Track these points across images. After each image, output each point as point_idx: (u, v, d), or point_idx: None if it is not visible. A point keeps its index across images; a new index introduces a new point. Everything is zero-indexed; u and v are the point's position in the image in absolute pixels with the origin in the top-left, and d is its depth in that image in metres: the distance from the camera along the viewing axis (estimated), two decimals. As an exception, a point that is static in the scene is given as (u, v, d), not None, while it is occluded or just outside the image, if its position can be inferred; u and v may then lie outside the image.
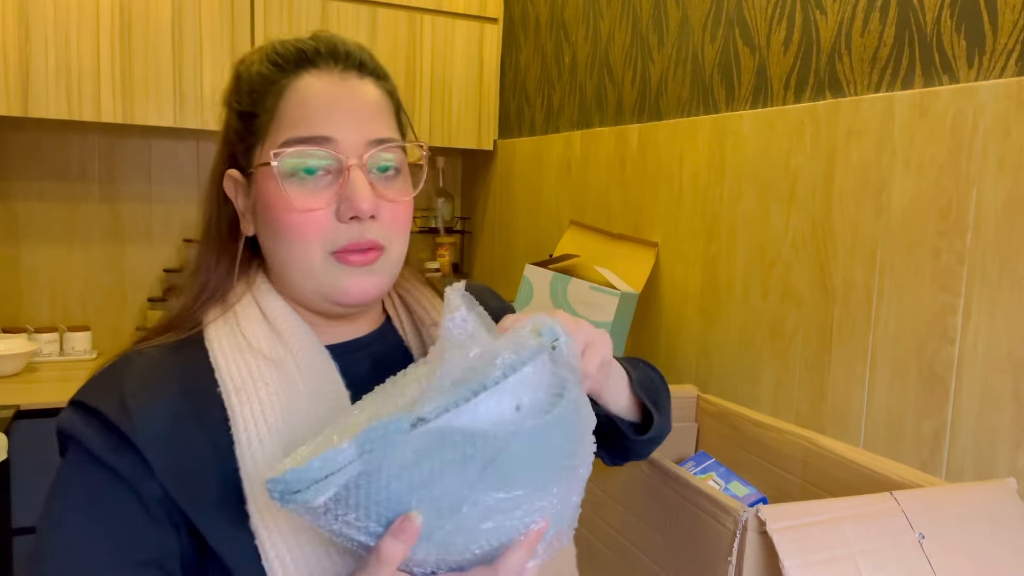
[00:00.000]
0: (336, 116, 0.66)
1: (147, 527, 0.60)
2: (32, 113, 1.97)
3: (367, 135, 0.67)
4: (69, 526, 0.59)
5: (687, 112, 1.63)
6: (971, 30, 1.05)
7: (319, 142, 0.65)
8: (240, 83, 0.71)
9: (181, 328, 0.69)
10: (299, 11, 2.21)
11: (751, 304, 1.41)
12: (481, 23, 2.45)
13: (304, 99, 0.66)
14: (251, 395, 0.62)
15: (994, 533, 0.83)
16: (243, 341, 0.66)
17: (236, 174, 0.71)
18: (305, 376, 0.65)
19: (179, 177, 2.44)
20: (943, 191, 1.06)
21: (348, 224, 0.66)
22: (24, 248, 2.29)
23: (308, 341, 0.68)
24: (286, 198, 0.65)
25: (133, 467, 0.60)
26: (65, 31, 1.98)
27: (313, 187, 0.66)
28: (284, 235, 0.66)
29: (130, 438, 0.60)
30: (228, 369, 0.64)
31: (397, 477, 0.52)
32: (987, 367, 1.01)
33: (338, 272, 0.66)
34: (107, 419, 0.61)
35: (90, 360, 2.28)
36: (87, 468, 0.61)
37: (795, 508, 0.78)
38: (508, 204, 2.42)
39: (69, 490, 0.61)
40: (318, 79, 0.67)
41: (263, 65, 0.69)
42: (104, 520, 0.59)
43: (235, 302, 0.69)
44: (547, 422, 0.55)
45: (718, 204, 1.50)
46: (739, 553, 0.78)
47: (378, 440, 0.51)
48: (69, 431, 0.62)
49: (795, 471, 1.13)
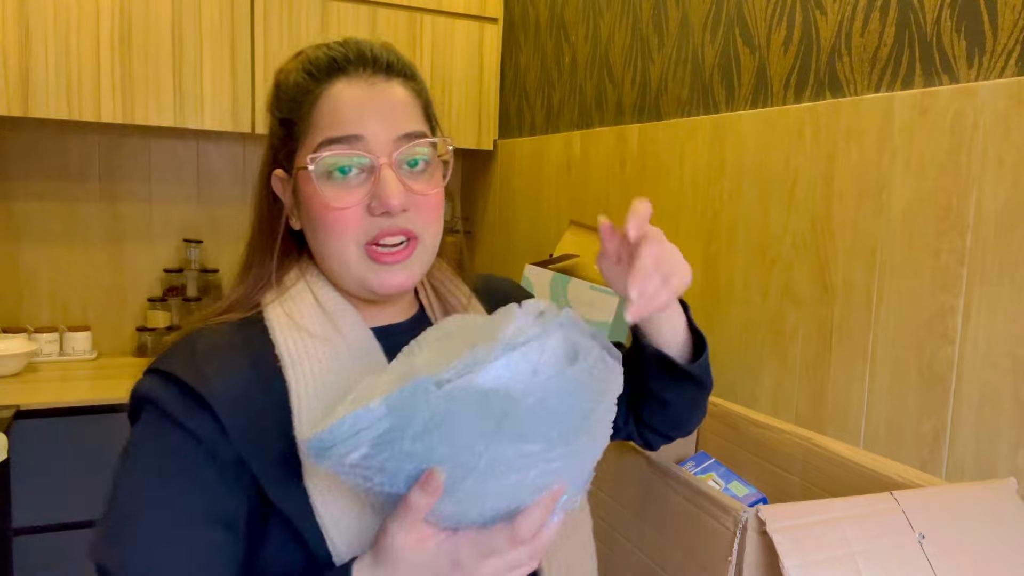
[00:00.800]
0: (365, 116, 0.71)
1: (220, 488, 0.65)
2: (32, 113, 1.97)
3: (395, 132, 0.72)
4: (146, 489, 0.64)
5: (687, 112, 1.63)
6: (971, 30, 1.05)
7: (350, 141, 0.71)
8: (279, 92, 0.76)
9: (239, 311, 0.75)
10: (299, 11, 2.21)
11: (751, 304, 1.41)
12: (481, 23, 2.45)
13: (336, 104, 0.72)
14: (305, 369, 0.69)
15: (994, 533, 0.83)
16: (298, 322, 0.72)
17: (282, 174, 0.77)
18: (353, 353, 0.72)
19: (179, 177, 2.44)
20: (943, 191, 1.06)
21: (379, 218, 0.71)
22: (24, 248, 2.29)
23: (355, 323, 0.74)
24: (322, 197, 0.71)
25: (210, 430, 0.65)
26: (65, 31, 1.98)
27: (347, 185, 0.71)
28: (322, 231, 0.72)
29: (208, 402, 0.65)
30: (286, 345, 0.70)
31: (422, 434, 0.56)
32: (987, 367, 1.01)
33: (375, 268, 0.72)
34: (186, 385, 0.66)
35: (90, 360, 2.28)
36: (165, 432, 0.66)
37: (795, 508, 0.78)
38: (508, 204, 2.42)
39: (147, 451, 0.66)
40: (348, 85, 0.72)
41: (299, 75, 0.74)
42: (180, 483, 0.64)
43: (290, 286, 0.76)
44: (561, 381, 0.59)
45: (718, 204, 1.50)
46: (739, 553, 0.78)
47: (406, 399, 0.55)
48: (148, 395, 0.67)
49: (795, 471, 1.13)
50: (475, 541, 0.60)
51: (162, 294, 2.42)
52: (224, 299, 0.77)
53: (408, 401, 0.55)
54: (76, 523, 1.90)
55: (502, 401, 0.57)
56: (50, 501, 1.88)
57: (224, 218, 2.51)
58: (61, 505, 1.89)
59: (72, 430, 1.88)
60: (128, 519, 0.63)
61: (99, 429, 1.91)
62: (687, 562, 0.88)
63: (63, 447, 1.88)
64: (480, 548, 0.59)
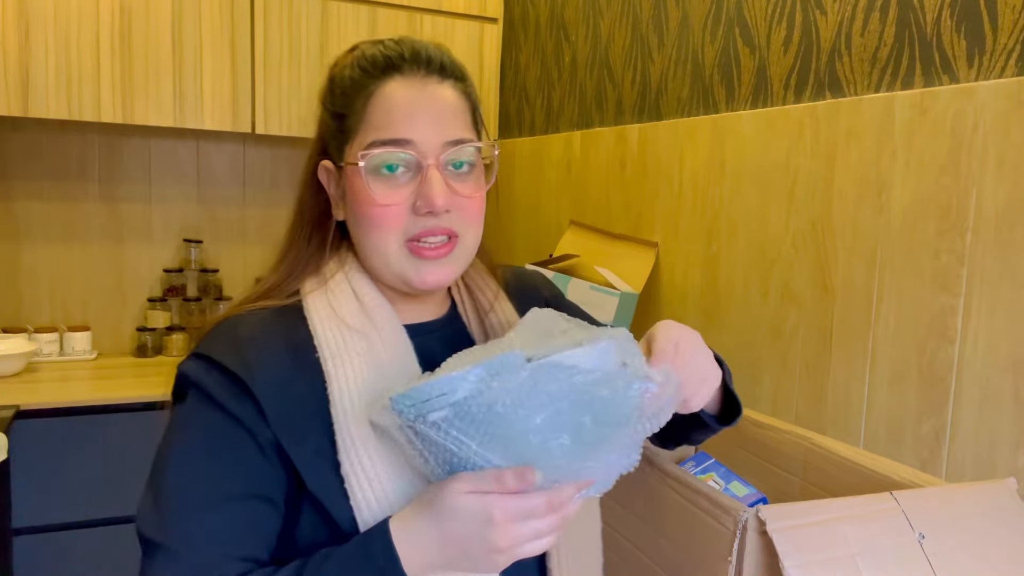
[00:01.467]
0: (416, 120, 0.73)
1: (262, 466, 0.68)
2: (32, 113, 1.97)
3: (444, 136, 0.74)
4: (192, 463, 0.67)
5: (687, 112, 1.63)
6: (971, 30, 1.05)
7: (400, 144, 0.73)
8: (333, 85, 0.78)
9: (277, 296, 0.78)
10: (299, 11, 2.21)
11: (751, 304, 1.41)
12: (481, 23, 2.45)
13: (389, 104, 0.74)
14: (345, 361, 0.71)
15: (994, 533, 0.83)
16: (336, 314, 0.75)
17: (329, 164, 0.79)
18: (387, 349, 0.74)
19: (179, 177, 2.44)
20: (943, 191, 1.06)
21: (423, 217, 0.74)
22: (24, 248, 2.29)
23: (390, 319, 0.77)
24: (369, 193, 0.73)
25: (251, 414, 0.68)
26: (65, 31, 1.98)
27: (394, 183, 0.74)
28: (366, 225, 0.74)
29: (250, 387, 0.68)
30: (325, 337, 0.73)
31: (506, 402, 0.60)
32: (987, 367, 1.01)
33: (416, 263, 0.75)
34: (229, 370, 0.69)
35: (90, 360, 2.28)
36: (209, 413, 0.69)
37: (795, 508, 0.78)
38: (508, 204, 2.42)
39: (194, 431, 0.69)
40: (402, 85, 0.74)
41: (353, 70, 0.76)
42: (224, 458, 0.67)
43: (330, 277, 0.78)
44: (626, 387, 0.64)
45: (718, 204, 1.50)
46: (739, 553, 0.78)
47: (497, 367, 0.60)
48: (193, 377, 0.70)
49: (795, 471, 1.13)
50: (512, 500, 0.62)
51: (162, 294, 2.42)
52: (263, 282, 0.80)
53: (499, 369, 0.60)
54: (76, 523, 1.90)
55: (578, 388, 0.61)
56: (50, 501, 1.87)
57: (224, 218, 2.51)
58: (61, 505, 1.89)
59: (72, 430, 1.88)
60: (176, 492, 0.66)
61: (99, 429, 1.91)
62: (687, 562, 0.88)
63: (63, 447, 1.88)
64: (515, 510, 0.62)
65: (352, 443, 0.68)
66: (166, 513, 0.66)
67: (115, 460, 1.92)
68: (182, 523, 0.65)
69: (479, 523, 0.62)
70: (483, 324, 0.85)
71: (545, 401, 0.60)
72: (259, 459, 0.68)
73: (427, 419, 0.61)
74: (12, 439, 1.73)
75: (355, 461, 0.68)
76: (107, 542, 1.92)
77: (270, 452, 0.68)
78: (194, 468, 0.67)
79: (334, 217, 0.80)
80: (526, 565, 0.75)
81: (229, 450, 0.68)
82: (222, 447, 0.68)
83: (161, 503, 0.66)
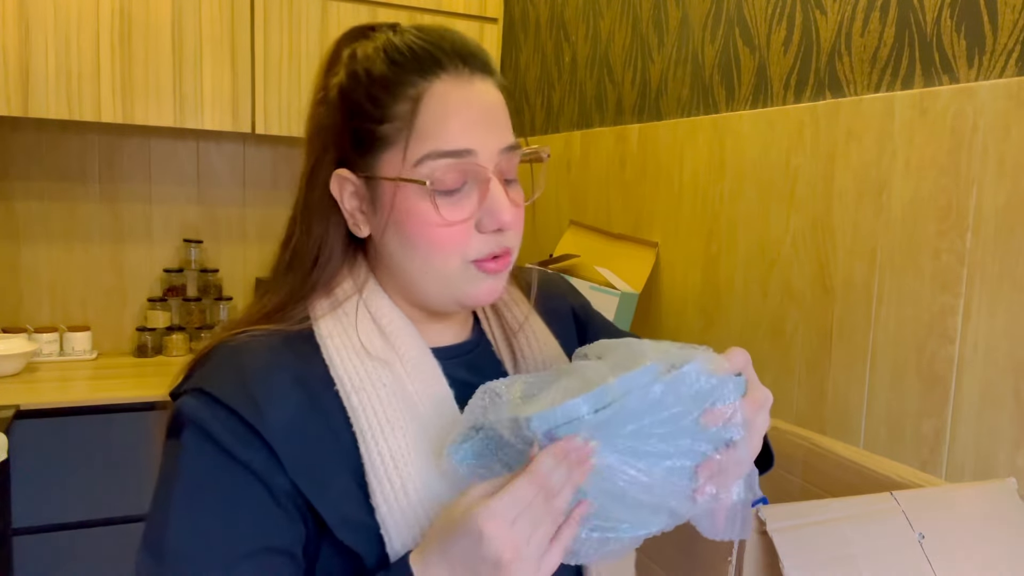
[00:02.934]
0: (475, 128, 0.66)
1: (278, 517, 0.61)
2: (32, 113, 1.97)
3: (500, 143, 0.68)
4: (199, 518, 0.60)
5: (687, 112, 1.63)
6: (971, 30, 1.05)
7: (462, 155, 0.65)
8: (358, 82, 0.67)
9: (285, 319, 0.69)
10: (299, 11, 2.21)
11: (751, 304, 1.41)
12: (481, 23, 2.45)
13: (444, 110, 0.65)
14: (371, 395, 0.64)
15: (994, 533, 0.83)
16: (355, 343, 0.67)
17: (348, 174, 0.68)
18: (412, 377, 0.67)
19: (179, 177, 2.44)
20: (943, 191, 1.06)
21: (489, 235, 0.67)
22: (24, 248, 2.29)
23: (416, 344, 0.69)
24: (432, 212, 0.65)
25: (263, 461, 0.61)
26: (65, 31, 1.98)
27: (455, 200, 0.66)
28: (424, 248, 0.66)
29: (260, 432, 0.61)
30: (344, 368, 0.65)
31: (642, 417, 0.55)
32: (987, 367, 1.01)
33: (476, 278, 0.68)
34: (236, 412, 0.61)
35: (90, 360, 2.28)
36: (216, 459, 0.61)
37: (795, 508, 0.78)
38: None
39: (195, 479, 0.61)
40: (452, 86, 0.66)
41: (385, 65, 0.66)
42: (236, 510, 0.60)
43: (344, 300, 0.69)
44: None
45: (718, 204, 1.50)
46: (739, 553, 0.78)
47: (635, 379, 0.55)
48: (194, 418, 0.62)
49: (795, 471, 1.13)
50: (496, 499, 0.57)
51: (162, 294, 2.41)
52: (263, 302, 0.71)
53: (635, 382, 0.55)
54: (76, 523, 1.90)
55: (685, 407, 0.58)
56: (50, 501, 1.87)
57: (224, 218, 2.51)
58: (61, 505, 1.89)
59: (72, 430, 1.88)
60: (183, 553, 0.59)
61: (99, 429, 1.91)
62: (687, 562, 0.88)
63: (63, 447, 1.88)
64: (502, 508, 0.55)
65: (389, 485, 0.62)
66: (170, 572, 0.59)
67: (115, 460, 1.92)
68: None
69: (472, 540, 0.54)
70: (511, 345, 0.78)
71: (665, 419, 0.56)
72: (273, 510, 0.61)
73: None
74: (12, 439, 1.73)
75: (394, 504, 0.62)
76: (107, 542, 1.92)
77: (285, 501, 0.61)
78: (202, 525, 0.60)
79: (355, 233, 0.70)
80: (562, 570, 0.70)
81: (240, 502, 0.60)
82: (232, 499, 0.60)
83: (166, 564, 0.59)
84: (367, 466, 0.63)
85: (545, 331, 0.79)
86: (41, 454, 1.86)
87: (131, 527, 1.94)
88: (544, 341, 0.78)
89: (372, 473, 0.62)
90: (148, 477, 0.66)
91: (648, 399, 0.55)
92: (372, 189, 0.67)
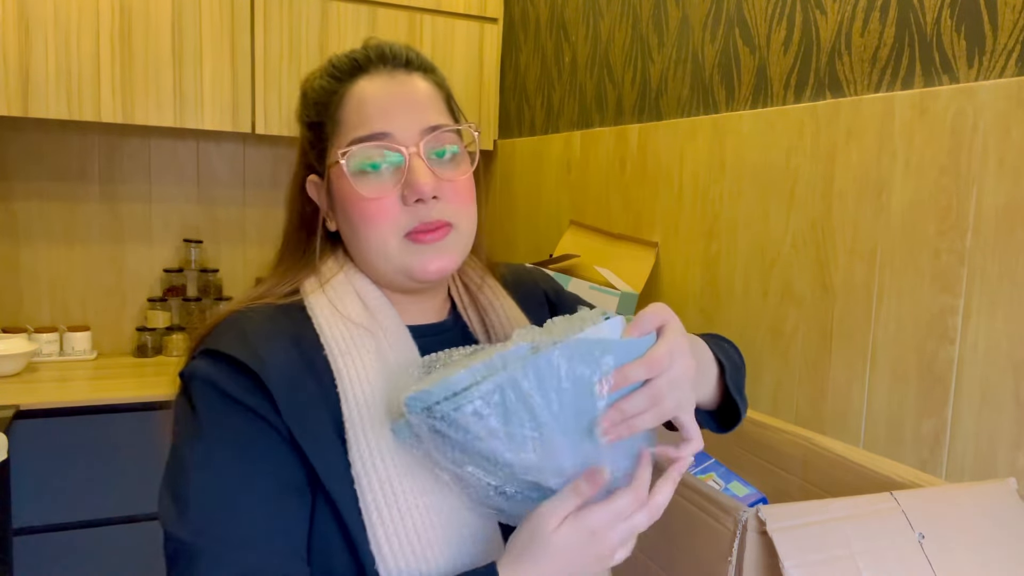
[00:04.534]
0: (390, 112, 0.73)
1: (288, 456, 0.67)
2: (32, 113, 1.97)
3: (420, 124, 0.74)
4: (219, 463, 0.65)
5: (687, 112, 1.63)
6: (971, 30, 1.05)
7: (378, 138, 0.73)
8: (306, 99, 0.79)
9: (276, 297, 0.77)
10: (299, 11, 2.21)
11: (751, 304, 1.41)
12: (481, 23, 2.45)
13: (360, 102, 0.74)
14: (355, 358, 0.71)
15: (994, 533, 0.83)
16: (342, 311, 0.74)
17: (316, 179, 0.79)
18: (394, 349, 0.74)
19: (179, 177, 2.44)
20: (943, 191, 1.06)
21: (414, 207, 0.73)
22: (24, 248, 2.29)
23: (394, 319, 0.76)
24: (357, 191, 0.73)
25: (266, 405, 0.67)
26: (65, 31, 1.98)
27: (379, 179, 0.73)
28: (360, 224, 0.74)
29: (263, 379, 0.67)
30: (332, 335, 0.72)
31: (534, 389, 0.59)
32: (987, 367, 1.01)
33: (414, 251, 0.74)
34: (241, 363, 0.68)
35: (90, 360, 2.28)
36: (225, 409, 0.67)
37: (795, 508, 0.78)
38: (508, 204, 2.42)
39: (209, 427, 0.67)
40: (370, 82, 0.75)
41: (323, 79, 0.77)
42: (250, 453, 0.66)
43: (330, 277, 0.77)
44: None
45: (718, 204, 1.50)
46: (739, 553, 0.78)
47: (511, 358, 0.60)
48: (201, 374, 0.68)
49: (795, 471, 1.13)
50: (604, 510, 0.63)
51: (162, 294, 2.42)
52: (258, 286, 0.79)
53: (512, 359, 0.59)
54: (76, 523, 1.90)
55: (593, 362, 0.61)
56: (50, 501, 1.87)
57: (224, 218, 2.51)
58: (61, 505, 1.89)
59: (72, 430, 1.88)
60: (209, 495, 0.64)
61: (99, 429, 1.91)
62: (687, 562, 0.88)
63: (63, 447, 1.88)
64: (609, 517, 0.63)
65: (365, 443, 0.67)
66: (201, 517, 0.63)
67: (115, 460, 1.92)
68: (224, 525, 0.63)
69: (584, 544, 0.62)
70: (484, 323, 0.85)
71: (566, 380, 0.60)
72: (284, 449, 0.67)
73: (453, 419, 0.59)
74: (12, 439, 1.73)
75: (367, 462, 0.67)
76: (107, 542, 1.92)
77: (289, 444, 0.67)
78: (220, 469, 0.65)
79: (328, 229, 0.80)
80: None
81: (254, 444, 0.66)
82: (247, 442, 0.66)
83: (191, 508, 0.63)
84: (347, 424, 0.68)
85: (515, 308, 0.86)
86: (41, 454, 1.86)
87: (131, 527, 1.94)
88: (515, 317, 0.84)
89: (351, 431, 0.68)
90: (148, 477, 0.68)
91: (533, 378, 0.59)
92: (328, 186, 0.77)
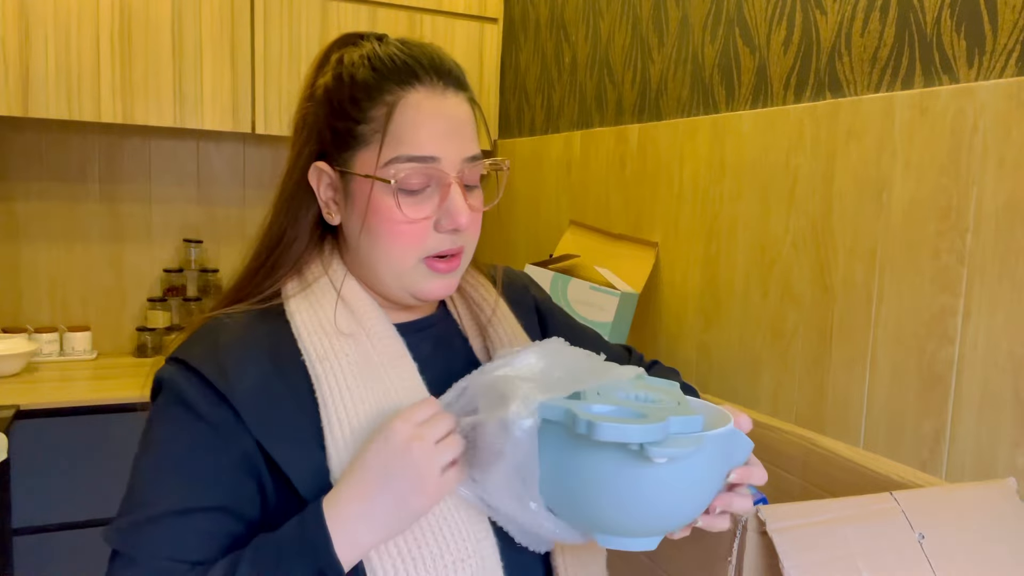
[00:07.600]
0: (442, 136, 0.72)
1: (232, 477, 0.67)
2: (32, 113, 1.97)
3: (463, 152, 0.74)
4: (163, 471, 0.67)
5: (687, 112, 1.63)
6: (971, 30, 1.05)
7: (429, 161, 0.72)
8: (342, 85, 0.74)
9: (255, 292, 0.76)
10: (299, 11, 2.21)
11: (751, 304, 1.41)
12: (481, 23, 2.44)
13: (415, 118, 0.72)
14: (334, 364, 0.71)
15: (994, 533, 0.83)
16: (322, 319, 0.74)
17: (325, 167, 0.75)
18: (378, 349, 0.74)
19: (179, 177, 2.44)
20: (943, 191, 1.06)
21: (446, 234, 0.74)
22: (24, 248, 2.28)
23: (380, 320, 0.76)
24: (395, 209, 0.71)
25: (229, 423, 0.68)
26: (65, 31, 1.98)
27: (418, 200, 0.73)
28: (386, 239, 0.73)
29: (226, 396, 0.68)
30: (311, 341, 0.72)
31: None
32: (987, 367, 1.01)
33: (427, 276, 0.75)
34: (206, 378, 0.68)
35: (90, 360, 2.28)
36: (184, 419, 0.68)
37: (795, 508, 0.78)
38: (508, 204, 2.42)
39: (164, 437, 0.68)
40: (426, 97, 0.72)
41: (367, 71, 0.73)
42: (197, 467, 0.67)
43: (312, 281, 0.76)
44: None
45: (718, 204, 1.50)
46: (739, 553, 0.78)
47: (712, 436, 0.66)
48: (169, 382, 0.70)
49: (795, 471, 1.13)
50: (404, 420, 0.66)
51: (162, 294, 2.41)
52: (238, 282, 0.78)
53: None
54: (76, 523, 1.90)
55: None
56: (50, 501, 1.87)
57: (224, 218, 2.51)
58: (61, 505, 1.89)
59: (72, 430, 1.88)
60: (142, 499, 0.66)
61: (99, 429, 1.91)
62: (687, 562, 0.88)
63: (63, 447, 1.88)
64: (410, 425, 0.65)
65: (345, 448, 0.67)
66: (129, 521, 0.66)
67: (115, 460, 1.92)
68: (145, 531, 0.65)
69: (395, 457, 0.63)
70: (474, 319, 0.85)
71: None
72: (231, 471, 0.67)
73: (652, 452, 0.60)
74: (12, 439, 1.73)
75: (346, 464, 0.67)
76: (107, 542, 1.92)
77: (244, 463, 0.68)
78: (165, 477, 0.67)
79: (327, 221, 0.77)
80: (530, 566, 0.75)
81: (201, 459, 0.67)
82: (194, 456, 0.67)
83: (127, 506, 0.67)
84: (325, 430, 0.68)
85: (516, 324, 0.85)
86: (41, 454, 1.86)
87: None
88: (515, 333, 0.84)
89: (330, 437, 0.68)
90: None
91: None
92: (346, 183, 0.74)
